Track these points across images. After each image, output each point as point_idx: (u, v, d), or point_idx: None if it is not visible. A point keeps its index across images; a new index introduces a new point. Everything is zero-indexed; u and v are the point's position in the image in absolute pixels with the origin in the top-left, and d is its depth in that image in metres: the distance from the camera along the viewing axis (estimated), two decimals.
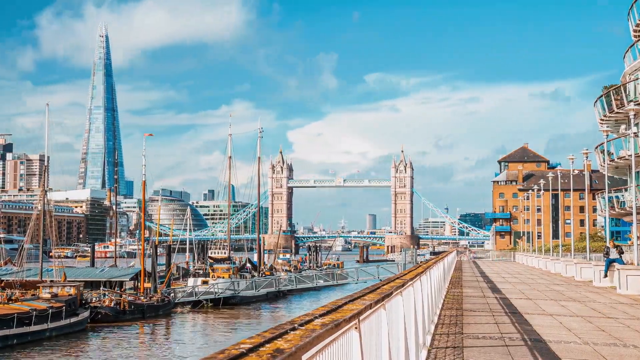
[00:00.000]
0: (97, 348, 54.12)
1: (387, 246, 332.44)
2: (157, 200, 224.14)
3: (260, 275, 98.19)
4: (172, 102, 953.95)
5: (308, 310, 6.54)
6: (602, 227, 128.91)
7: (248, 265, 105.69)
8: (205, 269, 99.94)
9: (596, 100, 61.29)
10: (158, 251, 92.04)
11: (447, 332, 16.67)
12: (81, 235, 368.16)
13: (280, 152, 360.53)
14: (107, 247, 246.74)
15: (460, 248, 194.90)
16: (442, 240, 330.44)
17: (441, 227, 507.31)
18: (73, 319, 59.31)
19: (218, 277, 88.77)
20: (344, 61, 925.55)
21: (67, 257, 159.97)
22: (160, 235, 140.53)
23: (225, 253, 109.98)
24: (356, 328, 5.59)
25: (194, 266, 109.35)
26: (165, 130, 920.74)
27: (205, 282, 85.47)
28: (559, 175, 73.14)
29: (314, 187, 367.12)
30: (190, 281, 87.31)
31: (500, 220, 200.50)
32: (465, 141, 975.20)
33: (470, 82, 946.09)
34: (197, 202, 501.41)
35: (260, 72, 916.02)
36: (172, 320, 71.26)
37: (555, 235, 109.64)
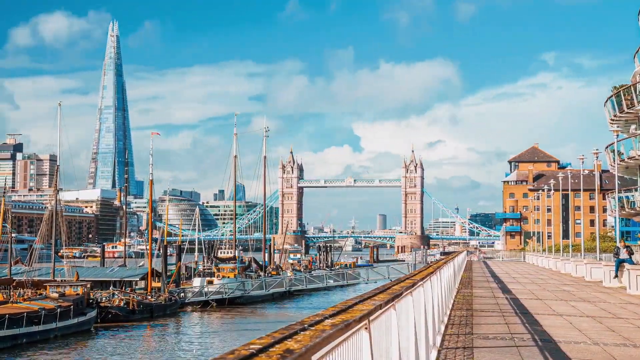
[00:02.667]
0: (105, 347, 54.21)
1: (398, 246, 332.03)
2: (167, 200, 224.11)
3: (266, 275, 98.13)
4: None
5: (318, 310, 6.55)
6: (612, 227, 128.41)
7: (254, 264, 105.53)
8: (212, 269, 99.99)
9: (606, 100, 61.07)
10: (168, 251, 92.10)
11: (457, 333, 16.65)
12: (91, 235, 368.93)
13: (291, 152, 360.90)
14: (116, 247, 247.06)
15: (470, 248, 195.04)
16: (453, 241, 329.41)
17: (451, 227, 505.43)
18: (81, 319, 59.45)
19: (223, 276, 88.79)
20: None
21: (75, 257, 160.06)
22: (169, 235, 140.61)
23: (231, 253, 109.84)
24: (366, 328, 5.60)
25: (202, 266, 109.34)
26: None
27: (210, 282, 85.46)
28: (569, 176, 72.94)
29: (324, 187, 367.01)
30: (196, 281, 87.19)
31: (511, 221, 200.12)
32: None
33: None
34: (207, 202, 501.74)
35: None
36: (180, 320, 71.42)
37: (566, 236, 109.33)
